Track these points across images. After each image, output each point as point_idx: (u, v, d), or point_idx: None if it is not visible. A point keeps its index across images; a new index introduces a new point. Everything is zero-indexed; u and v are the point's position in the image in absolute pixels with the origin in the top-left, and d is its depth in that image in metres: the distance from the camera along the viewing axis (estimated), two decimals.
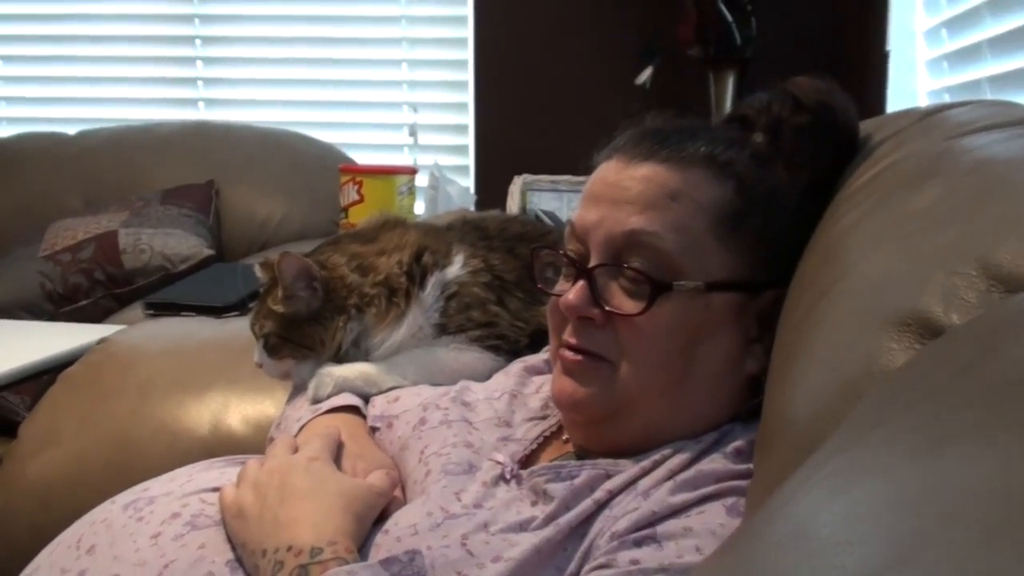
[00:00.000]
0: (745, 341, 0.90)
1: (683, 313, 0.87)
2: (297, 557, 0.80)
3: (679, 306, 0.87)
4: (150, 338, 1.59)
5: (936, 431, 0.36)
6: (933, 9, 2.06)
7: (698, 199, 0.88)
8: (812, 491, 0.38)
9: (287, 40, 3.19)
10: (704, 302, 0.87)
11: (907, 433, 0.37)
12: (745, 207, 0.89)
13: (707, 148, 0.91)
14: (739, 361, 0.91)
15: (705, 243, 0.87)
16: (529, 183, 2.22)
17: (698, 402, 0.90)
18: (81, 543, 0.92)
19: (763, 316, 0.90)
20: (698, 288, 0.86)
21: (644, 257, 0.87)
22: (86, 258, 2.45)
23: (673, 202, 0.87)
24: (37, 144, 2.97)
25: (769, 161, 0.94)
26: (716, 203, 0.88)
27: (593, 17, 2.87)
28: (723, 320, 0.89)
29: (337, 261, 1.15)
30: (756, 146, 0.95)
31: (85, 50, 3.27)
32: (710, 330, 0.88)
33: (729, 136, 0.96)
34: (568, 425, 0.97)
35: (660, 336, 0.87)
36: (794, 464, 0.60)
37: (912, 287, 0.63)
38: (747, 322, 0.90)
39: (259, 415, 1.36)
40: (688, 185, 0.88)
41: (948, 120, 0.91)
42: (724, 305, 0.88)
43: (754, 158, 0.93)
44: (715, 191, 0.89)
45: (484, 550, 0.81)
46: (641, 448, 0.89)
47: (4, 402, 2.06)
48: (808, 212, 0.93)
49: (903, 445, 0.36)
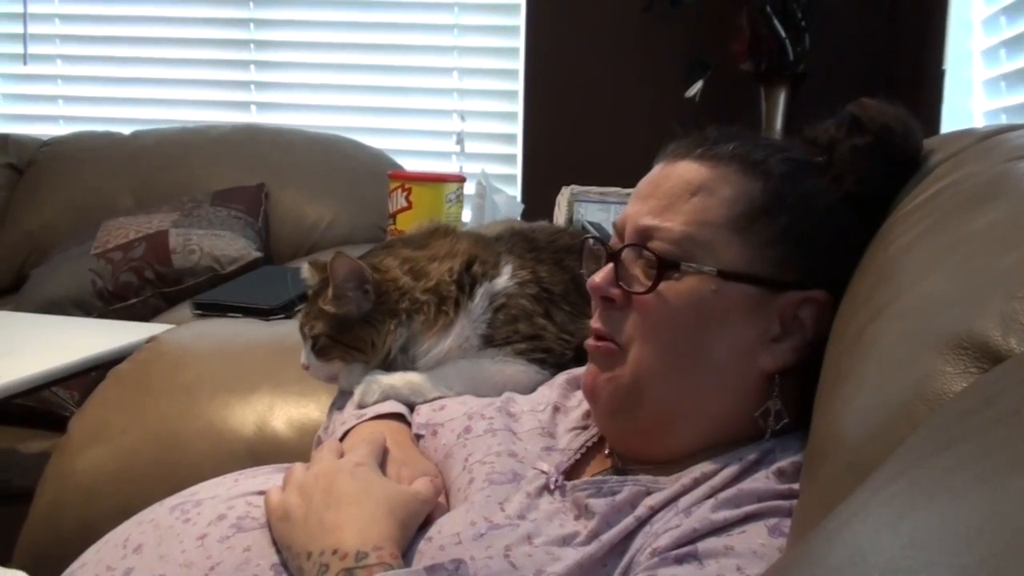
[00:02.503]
0: (762, 337, 0.90)
1: (693, 296, 0.89)
2: (342, 561, 0.80)
3: (689, 289, 0.89)
4: (198, 338, 1.60)
5: (1006, 458, 0.35)
6: (992, 29, 2.04)
7: (721, 193, 0.91)
8: (872, 515, 0.37)
9: (339, 46, 3.22)
10: (715, 288, 0.89)
11: (975, 459, 0.36)
12: (771, 204, 0.90)
13: (742, 148, 0.93)
14: (752, 355, 0.90)
15: (721, 234, 0.90)
16: (577, 194, 2.22)
17: (705, 389, 0.91)
18: (128, 542, 0.94)
19: (788, 317, 0.90)
20: (709, 273, 0.89)
21: (663, 245, 0.91)
22: (137, 257, 2.48)
23: (692, 196, 0.91)
24: (92, 143, 3.02)
25: (811, 169, 0.95)
26: (739, 197, 0.90)
27: (645, 31, 2.87)
28: (736, 310, 0.89)
29: (390, 264, 1.16)
30: (801, 156, 0.96)
31: (141, 52, 3.33)
32: (721, 318, 0.89)
33: (773, 143, 0.97)
34: (597, 422, 0.99)
35: (668, 316, 0.90)
36: (842, 485, 0.59)
37: (969, 310, 0.62)
38: (766, 318, 0.90)
39: (303, 418, 1.36)
40: (713, 180, 0.91)
41: (1007, 142, 0.90)
42: (738, 295, 0.89)
43: (791, 162, 0.94)
44: (740, 187, 0.91)
45: (527, 563, 0.81)
46: (662, 450, 0.91)
47: (54, 397, 2.10)
48: (852, 224, 0.94)
49: (971, 471, 0.35)
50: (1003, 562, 0.28)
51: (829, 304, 0.90)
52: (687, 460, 0.89)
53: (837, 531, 0.37)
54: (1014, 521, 0.30)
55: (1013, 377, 0.49)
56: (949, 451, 0.39)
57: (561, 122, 3.01)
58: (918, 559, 0.31)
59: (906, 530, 0.33)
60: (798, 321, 0.90)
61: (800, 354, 0.90)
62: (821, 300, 0.90)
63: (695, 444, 0.91)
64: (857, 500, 0.40)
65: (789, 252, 0.90)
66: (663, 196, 0.92)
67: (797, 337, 0.90)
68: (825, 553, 0.36)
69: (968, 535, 0.31)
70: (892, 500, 0.37)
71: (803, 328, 0.90)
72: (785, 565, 0.39)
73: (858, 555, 0.34)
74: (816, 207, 0.92)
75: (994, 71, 2.02)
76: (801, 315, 0.90)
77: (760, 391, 0.91)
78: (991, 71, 2.04)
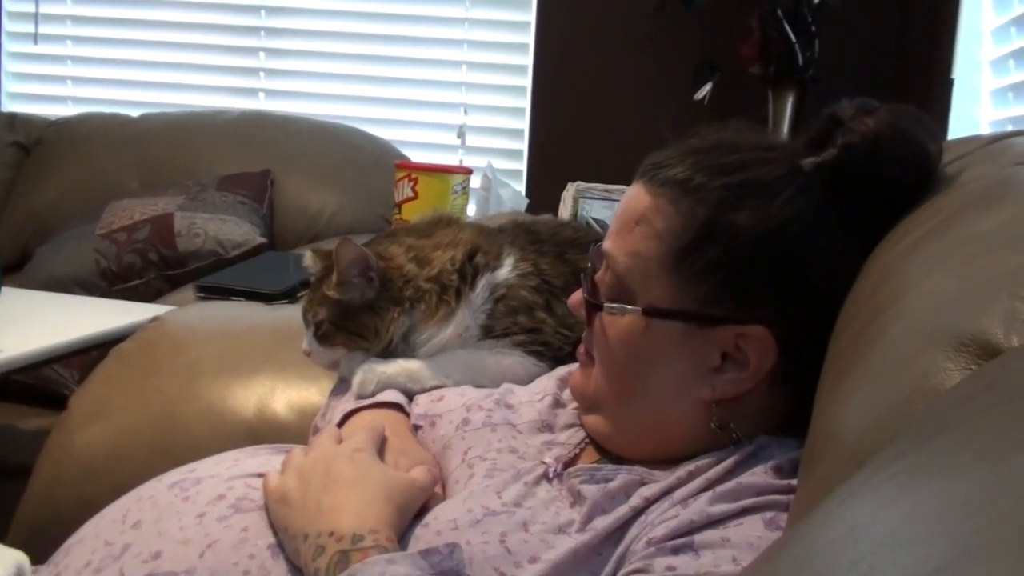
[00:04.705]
0: (699, 368, 0.89)
1: (624, 331, 0.92)
2: (339, 543, 0.81)
3: (623, 323, 0.92)
4: (202, 319, 1.60)
5: (1006, 438, 0.35)
6: (1002, 39, 2.04)
7: (655, 225, 0.90)
8: (871, 493, 0.37)
9: (349, 36, 3.23)
10: (644, 325, 0.90)
11: (974, 439, 0.37)
12: (699, 238, 0.88)
13: (686, 171, 0.90)
14: (689, 386, 0.90)
15: (652, 270, 0.90)
16: (582, 190, 2.22)
17: (647, 413, 0.93)
18: (127, 518, 0.94)
19: (730, 348, 0.88)
20: (634, 312, 0.90)
21: (611, 274, 0.93)
22: (141, 239, 2.49)
23: (636, 226, 0.92)
24: (100, 124, 3.03)
25: (762, 189, 0.89)
26: (668, 232, 0.89)
27: (655, 31, 2.87)
28: (666, 345, 0.90)
29: (395, 252, 1.16)
30: (758, 173, 0.90)
31: (152, 35, 3.33)
32: (652, 352, 0.91)
33: (735, 159, 0.91)
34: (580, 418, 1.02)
35: (608, 346, 0.94)
36: (841, 478, 0.60)
37: (973, 309, 0.62)
38: (701, 351, 0.89)
39: (304, 402, 1.37)
40: (650, 210, 0.91)
41: (1013, 147, 0.91)
42: (667, 331, 0.90)
43: (732, 188, 0.88)
44: (671, 220, 0.89)
45: (522, 549, 0.82)
46: (634, 453, 0.93)
47: (54, 374, 2.11)
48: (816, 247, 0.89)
49: (970, 450, 0.36)
50: (1001, 531, 0.28)
51: (767, 338, 0.87)
52: (672, 461, 0.90)
53: (836, 508, 0.38)
54: (1014, 492, 0.30)
55: (1013, 365, 0.49)
56: (948, 433, 0.40)
57: (568, 119, 3.01)
58: (917, 531, 0.31)
59: (906, 505, 0.34)
60: (742, 353, 0.88)
61: (741, 386, 0.89)
62: (757, 335, 0.87)
63: (657, 455, 0.92)
64: (856, 480, 0.41)
65: (718, 286, 0.88)
66: (620, 220, 0.94)
67: (740, 369, 0.88)
68: (824, 529, 0.37)
69: (968, 507, 0.32)
70: (892, 479, 0.38)
71: (747, 361, 0.88)
72: (784, 541, 0.40)
73: (858, 529, 0.34)
74: (751, 236, 0.87)
75: (1002, 81, 2.02)
76: (743, 347, 0.88)
77: (701, 416, 0.91)
78: (999, 81, 2.04)
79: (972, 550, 0.28)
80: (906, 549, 0.30)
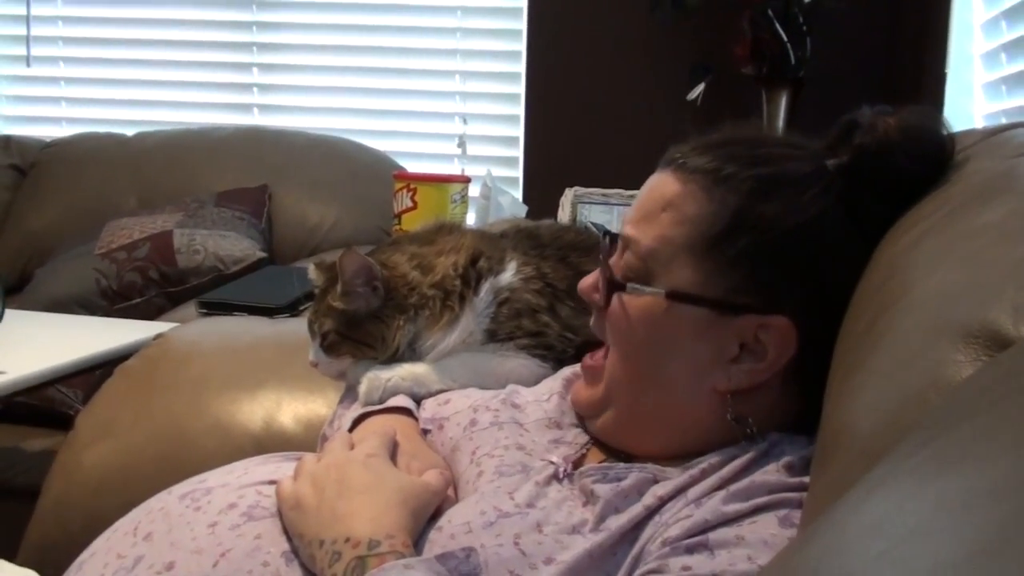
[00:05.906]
0: (717, 357, 0.90)
1: (646, 312, 0.92)
2: (355, 549, 0.81)
3: (644, 305, 0.91)
4: (206, 335, 1.61)
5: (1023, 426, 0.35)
6: (993, 33, 2.05)
7: (685, 211, 0.91)
8: (897, 483, 0.37)
9: (342, 49, 3.23)
10: (665, 308, 0.90)
11: (996, 429, 0.37)
12: (730, 227, 0.89)
13: (715, 162, 0.91)
14: (705, 374, 0.91)
15: (679, 254, 0.90)
16: (580, 195, 2.23)
17: (660, 401, 0.93)
18: (138, 530, 0.94)
19: (749, 339, 0.89)
20: (656, 294, 0.90)
21: (631, 257, 0.93)
22: (141, 257, 2.49)
23: (663, 211, 0.92)
24: (95, 144, 3.03)
25: (788, 184, 0.91)
26: (700, 218, 0.90)
27: (647, 33, 2.88)
28: (686, 331, 0.90)
29: (398, 260, 1.16)
30: (782, 169, 0.92)
31: (144, 53, 3.34)
32: (672, 336, 0.91)
33: (763, 152, 0.94)
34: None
35: (626, 328, 0.93)
36: (854, 473, 0.60)
37: (981, 300, 0.63)
38: (721, 340, 0.89)
39: (310, 414, 1.37)
40: (680, 196, 0.91)
41: (1014, 139, 0.91)
42: (688, 317, 0.90)
43: (760, 179, 0.90)
44: (702, 206, 0.90)
45: (537, 550, 0.82)
46: (643, 450, 0.94)
47: (58, 395, 2.10)
48: (836, 242, 0.90)
49: (994, 440, 0.36)
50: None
51: (789, 331, 0.88)
52: (684, 457, 0.90)
53: (863, 499, 0.38)
54: None
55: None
56: (967, 424, 0.40)
57: (563, 125, 3.02)
58: (944, 521, 0.32)
59: (931, 495, 0.34)
60: (760, 344, 0.89)
61: (756, 377, 0.89)
62: (780, 326, 0.88)
63: (670, 449, 0.92)
64: (881, 471, 0.41)
65: (746, 275, 0.89)
66: (643, 206, 0.94)
67: (757, 360, 0.89)
68: (851, 520, 0.37)
69: (994, 496, 0.32)
70: (917, 469, 0.38)
71: (765, 352, 0.89)
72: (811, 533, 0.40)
73: (885, 520, 0.34)
74: (782, 228, 0.88)
75: (994, 74, 2.03)
76: (763, 339, 0.89)
77: (716, 407, 0.91)
78: (992, 74, 2.05)
79: (1000, 538, 0.28)
80: (934, 538, 0.30)
